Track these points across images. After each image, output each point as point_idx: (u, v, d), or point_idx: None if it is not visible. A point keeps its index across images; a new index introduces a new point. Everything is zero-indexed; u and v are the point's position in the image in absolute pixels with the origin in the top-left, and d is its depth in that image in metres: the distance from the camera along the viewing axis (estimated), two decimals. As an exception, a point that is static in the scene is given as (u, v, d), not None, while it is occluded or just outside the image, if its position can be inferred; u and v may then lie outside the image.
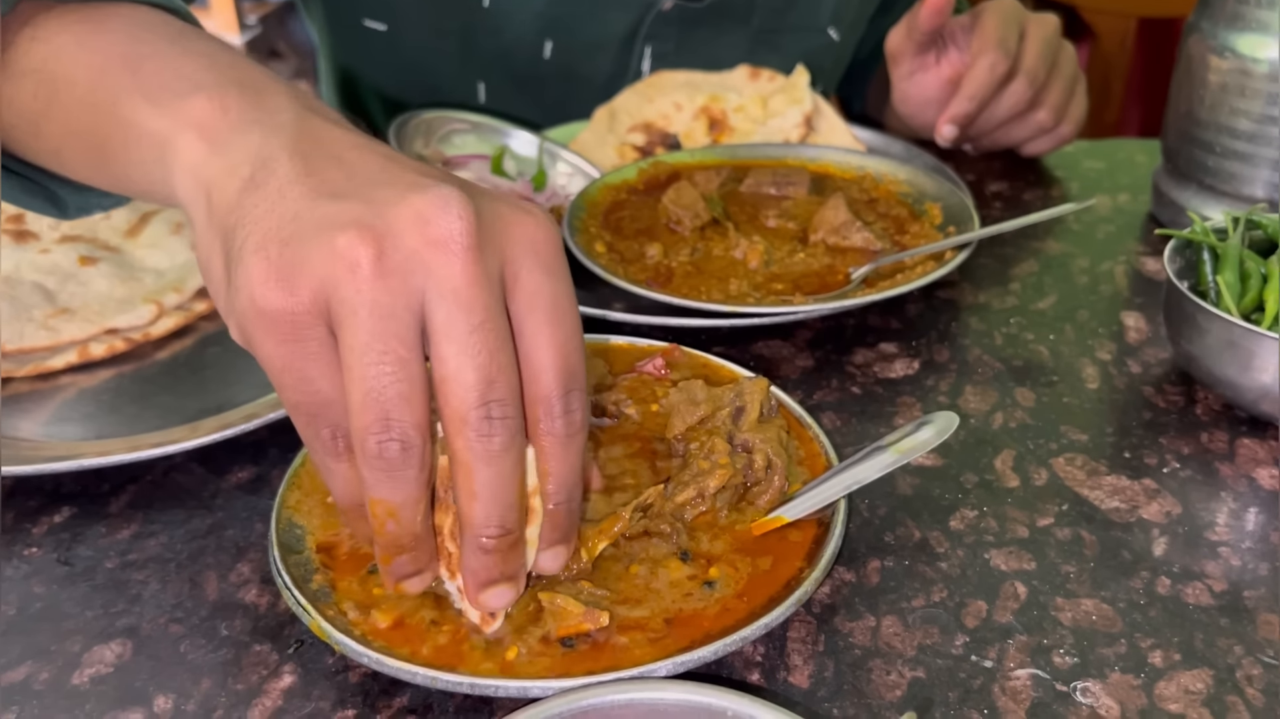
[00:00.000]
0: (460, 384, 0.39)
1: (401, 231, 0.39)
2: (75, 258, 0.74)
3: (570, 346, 0.42)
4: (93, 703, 0.47)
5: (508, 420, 0.40)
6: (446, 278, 0.39)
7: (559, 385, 0.42)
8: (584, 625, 0.46)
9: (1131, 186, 0.94)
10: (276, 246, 0.40)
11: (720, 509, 0.52)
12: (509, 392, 0.40)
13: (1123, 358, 0.70)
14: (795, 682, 0.47)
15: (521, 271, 0.41)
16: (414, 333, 0.39)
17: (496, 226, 0.41)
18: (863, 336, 0.72)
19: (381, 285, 0.39)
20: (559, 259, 0.43)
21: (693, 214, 0.78)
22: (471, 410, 0.40)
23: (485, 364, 0.39)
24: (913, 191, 0.83)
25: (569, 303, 0.42)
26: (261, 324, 0.40)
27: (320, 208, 0.40)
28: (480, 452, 0.40)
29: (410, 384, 0.39)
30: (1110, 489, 0.58)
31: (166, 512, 0.57)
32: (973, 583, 0.52)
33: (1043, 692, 0.47)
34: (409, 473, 0.41)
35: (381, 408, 0.39)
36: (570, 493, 0.45)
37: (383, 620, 0.46)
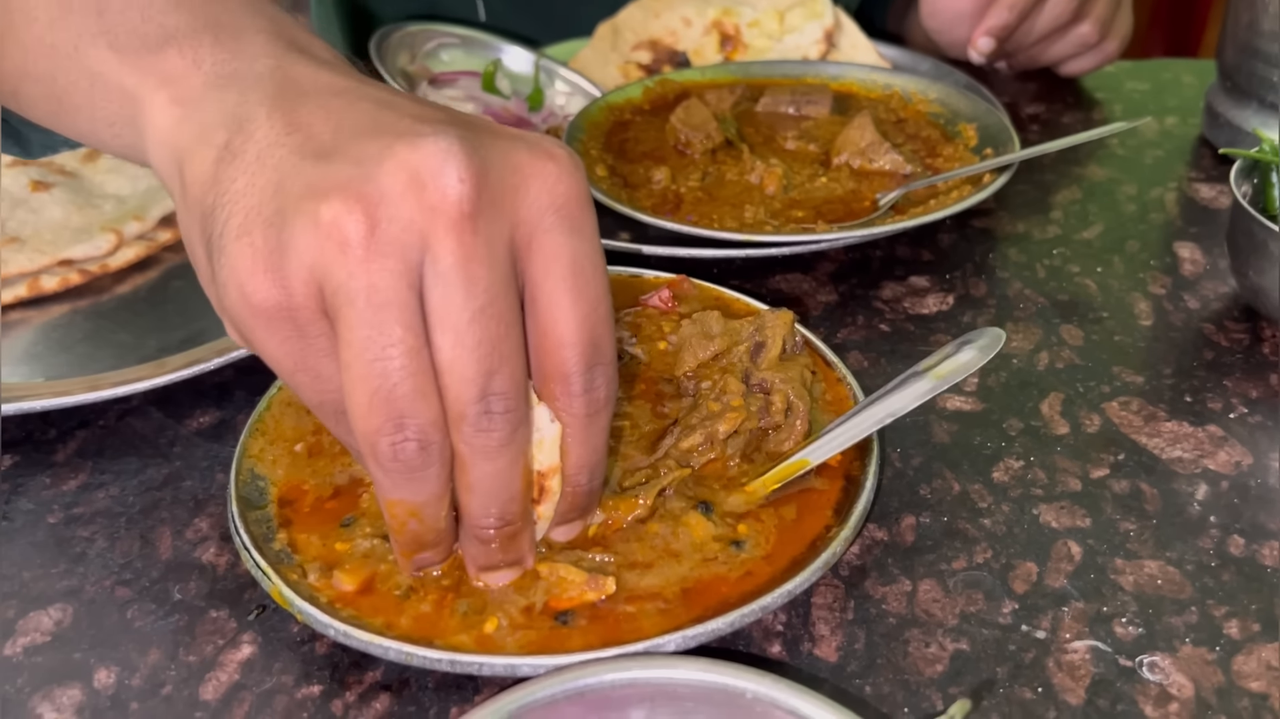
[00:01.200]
0: (457, 378, 0.34)
1: (394, 197, 0.33)
2: (26, 183, 0.67)
3: (595, 317, 0.36)
4: (25, 676, 0.41)
5: (509, 414, 0.35)
6: (443, 253, 0.34)
7: (580, 361, 0.36)
8: (587, 596, 0.40)
9: (1180, 109, 0.87)
10: (260, 229, 0.34)
11: (731, 457, 0.47)
12: (511, 383, 0.35)
13: (1178, 292, 0.63)
14: (821, 654, 0.42)
15: (538, 232, 0.35)
16: (421, 316, 0.34)
17: (508, 181, 0.35)
18: (891, 269, 0.65)
19: (377, 267, 0.33)
20: (584, 212, 0.36)
21: (704, 135, 0.71)
22: (469, 406, 0.35)
23: (486, 355, 0.34)
24: (945, 112, 0.76)
25: (594, 265, 0.36)
26: (259, 323, 0.35)
27: (304, 173, 0.34)
28: (478, 448, 0.36)
29: (422, 376, 0.34)
30: (1171, 437, 0.52)
31: (118, 460, 0.51)
32: (1020, 542, 0.46)
33: (1104, 667, 0.41)
34: (430, 471, 0.36)
35: (392, 408, 0.34)
36: (591, 473, 0.40)
37: (348, 583, 0.41)
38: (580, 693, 0.35)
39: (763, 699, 0.34)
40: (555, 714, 0.34)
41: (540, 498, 0.40)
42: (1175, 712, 0.39)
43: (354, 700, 0.40)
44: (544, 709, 0.34)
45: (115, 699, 0.40)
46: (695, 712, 0.35)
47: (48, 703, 0.40)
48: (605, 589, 0.41)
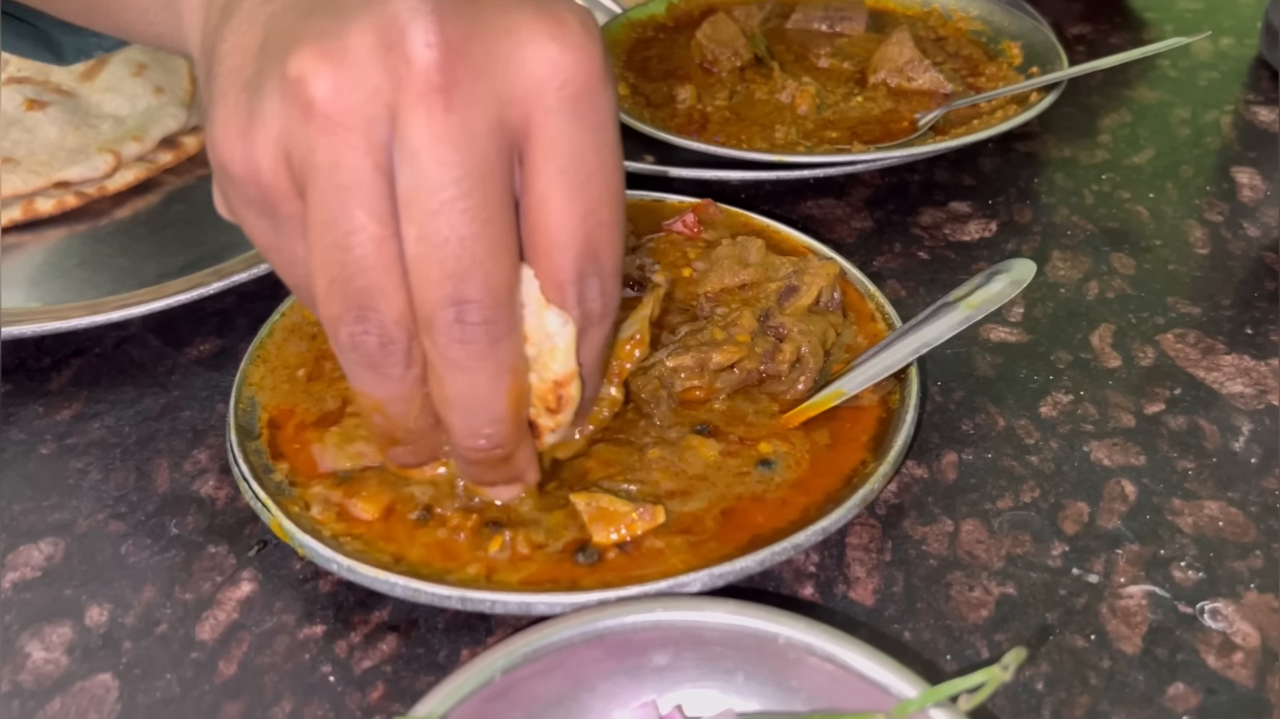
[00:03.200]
0: (422, 278, 0.30)
1: (360, 59, 0.28)
2: (20, 101, 0.64)
3: (595, 219, 0.31)
4: (14, 613, 0.39)
5: (485, 325, 0.31)
6: (409, 130, 0.29)
7: (573, 268, 0.32)
8: (637, 528, 0.38)
9: (1235, 29, 0.82)
10: (236, 92, 0.30)
11: (719, 392, 0.44)
12: (489, 288, 0.30)
13: (1236, 219, 0.59)
14: (857, 597, 0.39)
15: (536, 112, 0.30)
16: (390, 200, 0.30)
17: (498, 48, 0.29)
18: (930, 194, 0.61)
19: (340, 140, 0.29)
20: (595, 94, 0.30)
21: (731, 52, 0.67)
22: (437, 311, 0.30)
23: (454, 255, 0.30)
24: (987, 29, 0.72)
25: (601, 160, 0.31)
26: (235, 193, 0.31)
27: (288, 30, 0.30)
28: (452, 360, 0.31)
29: (384, 269, 0.30)
30: (1232, 370, 0.49)
31: (115, 389, 0.49)
32: (1070, 481, 0.43)
33: (1162, 613, 0.38)
34: (393, 371, 0.32)
35: (351, 299, 0.30)
36: (589, 382, 0.36)
37: (368, 511, 0.39)
38: (600, 635, 0.32)
39: (796, 644, 0.32)
40: (573, 658, 0.32)
41: (559, 406, 0.36)
42: (1240, 661, 0.37)
43: (359, 641, 0.38)
44: (560, 652, 0.32)
45: (107, 638, 0.38)
46: (723, 657, 0.33)
47: (37, 641, 0.38)
48: (656, 518, 0.38)
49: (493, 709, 0.31)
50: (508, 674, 0.31)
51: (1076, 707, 0.35)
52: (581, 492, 0.39)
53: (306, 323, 0.48)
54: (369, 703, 0.36)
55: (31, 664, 0.37)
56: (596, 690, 0.32)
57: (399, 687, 0.36)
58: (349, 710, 0.36)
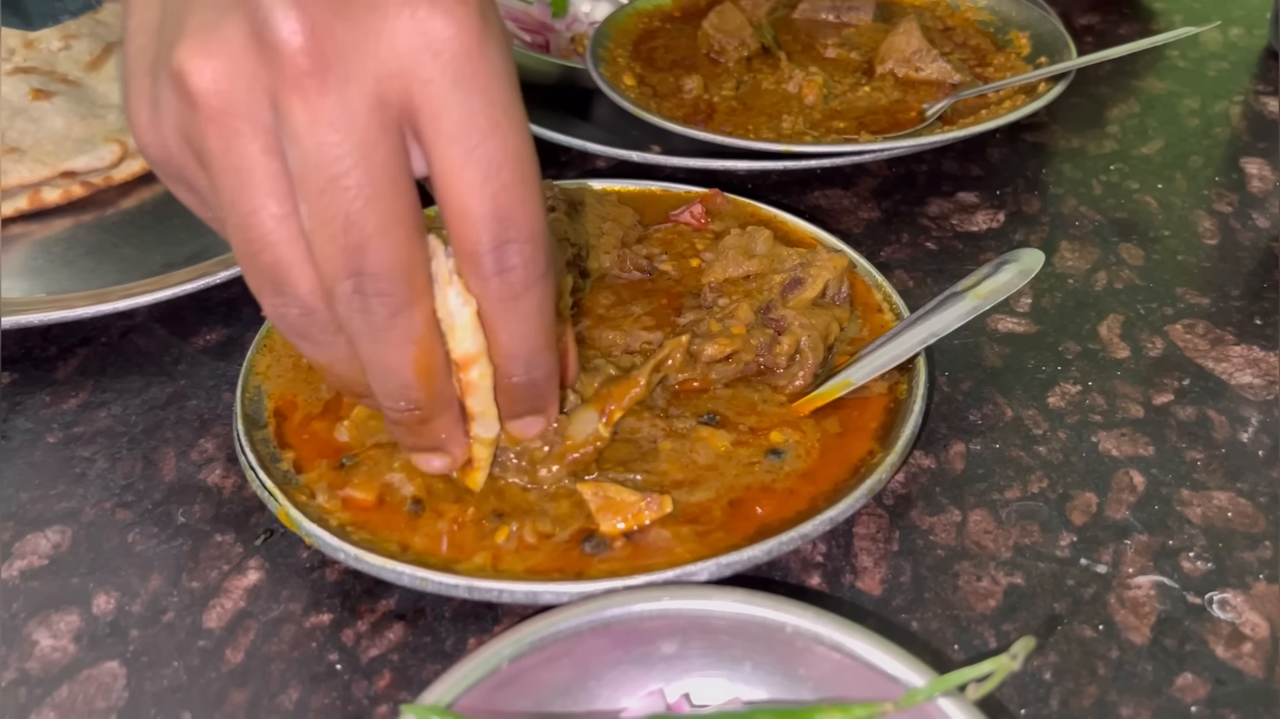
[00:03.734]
0: (320, 254, 0.30)
1: (236, 50, 0.29)
2: (27, 91, 0.64)
3: (499, 182, 0.30)
4: (21, 601, 0.39)
5: (384, 298, 0.31)
6: (288, 116, 0.29)
7: (486, 237, 0.31)
8: (644, 517, 0.38)
9: (1244, 19, 0.81)
10: (142, 74, 0.31)
11: (715, 384, 0.44)
12: (383, 263, 0.30)
13: (1246, 210, 0.59)
14: (864, 587, 0.39)
15: (415, 84, 0.29)
16: (285, 180, 0.30)
17: (365, 23, 0.29)
18: (937, 184, 0.61)
19: (226, 128, 0.29)
20: (476, 58, 0.30)
21: (738, 42, 0.67)
22: (336, 284, 0.31)
23: (344, 229, 0.30)
24: (995, 19, 0.72)
25: (494, 121, 0.30)
26: (157, 170, 0.33)
27: (179, 11, 0.30)
28: (356, 330, 0.32)
29: (289, 245, 0.30)
30: (1241, 361, 0.49)
31: (121, 378, 0.49)
32: (1079, 471, 0.43)
33: (1171, 604, 0.38)
34: (321, 337, 0.33)
35: (264, 274, 0.31)
36: (528, 366, 0.35)
37: (363, 493, 0.39)
38: (607, 624, 0.32)
39: (804, 633, 0.32)
40: (580, 646, 0.32)
41: (465, 390, 0.35)
42: (1249, 652, 0.36)
43: (366, 630, 0.38)
44: (568, 641, 0.32)
45: (114, 626, 0.38)
46: (730, 645, 0.32)
47: (44, 628, 0.38)
48: (664, 508, 0.38)
49: (500, 697, 0.31)
50: (515, 662, 0.31)
51: (1085, 697, 0.35)
52: (589, 481, 0.39)
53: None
54: (376, 691, 0.36)
55: (39, 652, 0.37)
56: (604, 679, 0.32)
57: (406, 675, 0.36)
58: (356, 699, 0.36)
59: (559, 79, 0.69)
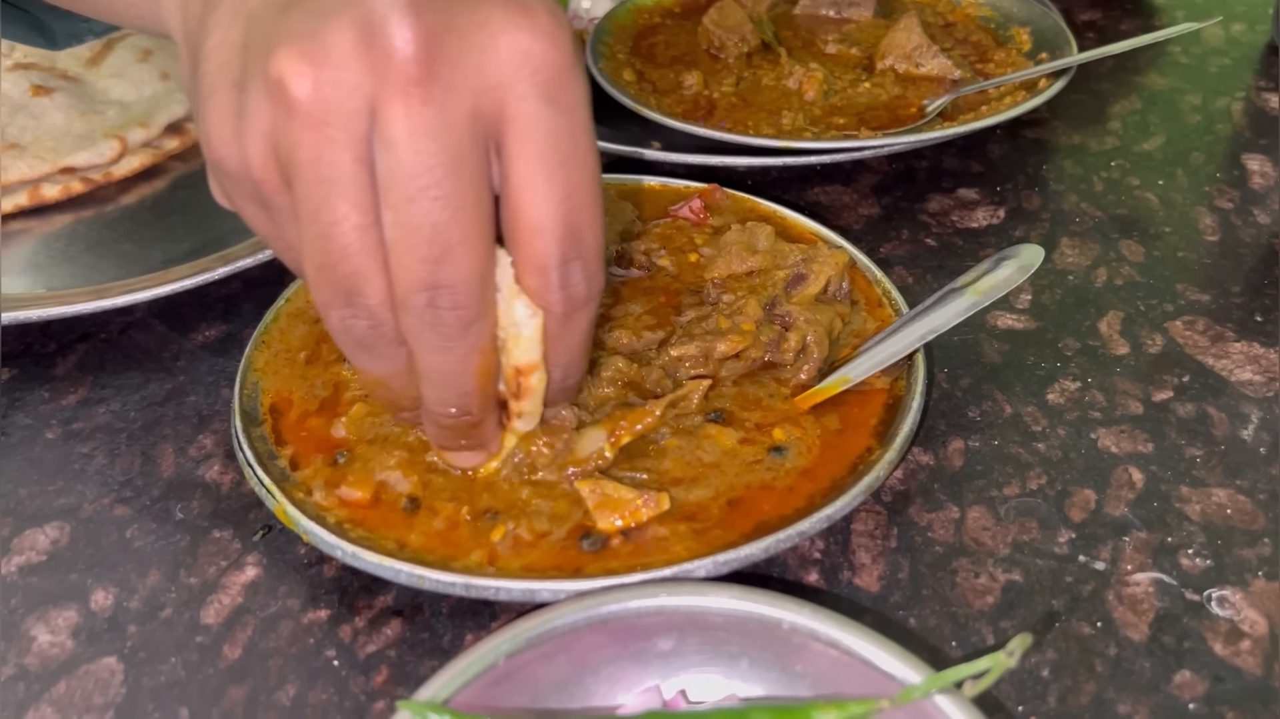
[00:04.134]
0: (397, 262, 0.31)
1: (340, 57, 0.29)
2: (27, 87, 0.64)
3: (574, 201, 0.32)
4: (19, 597, 0.39)
5: (457, 311, 0.31)
6: (388, 122, 0.29)
7: (555, 253, 0.32)
8: (641, 514, 0.38)
9: (1246, 15, 0.81)
10: (225, 90, 0.31)
11: (724, 380, 0.43)
12: (461, 274, 0.31)
13: (1247, 206, 0.59)
14: (862, 584, 0.39)
15: (510, 100, 0.30)
16: (370, 191, 0.30)
17: (472, 39, 0.30)
18: (938, 181, 0.61)
19: (321, 136, 0.30)
20: (567, 81, 0.31)
21: (738, 38, 0.67)
22: (411, 295, 0.31)
23: (428, 240, 0.30)
24: (996, 15, 0.71)
25: (576, 143, 0.31)
26: (232, 186, 0.33)
27: (268, 25, 0.31)
28: (427, 341, 0.32)
29: (369, 256, 0.31)
30: (1241, 358, 0.48)
31: (120, 375, 0.49)
32: (1077, 468, 0.43)
33: (1169, 601, 0.38)
34: (385, 350, 0.33)
35: (338, 285, 0.31)
36: (567, 372, 0.36)
37: (359, 490, 0.39)
38: (604, 620, 0.32)
39: (800, 630, 0.32)
40: (577, 643, 0.32)
41: (519, 394, 0.36)
42: (1247, 649, 0.36)
43: (363, 626, 0.38)
44: (565, 637, 0.32)
45: (112, 622, 0.38)
46: (727, 642, 0.32)
47: (42, 624, 0.38)
48: (660, 505, 0.38)
49: (496, 693, 0.31)
50: (512, 658, 0.31)
51: (1082, 694, 0.35)
52: (586, 478, 0.39)
53: (310, 307, 0.48)
54: (373, 687, 0.36)
55: (37, 647, 0.37)
56: (600, 675, 0.32)
57: (403, 671, 0.36)
58: (353, 694, 0.36)
59: (559, 75, 0.68)
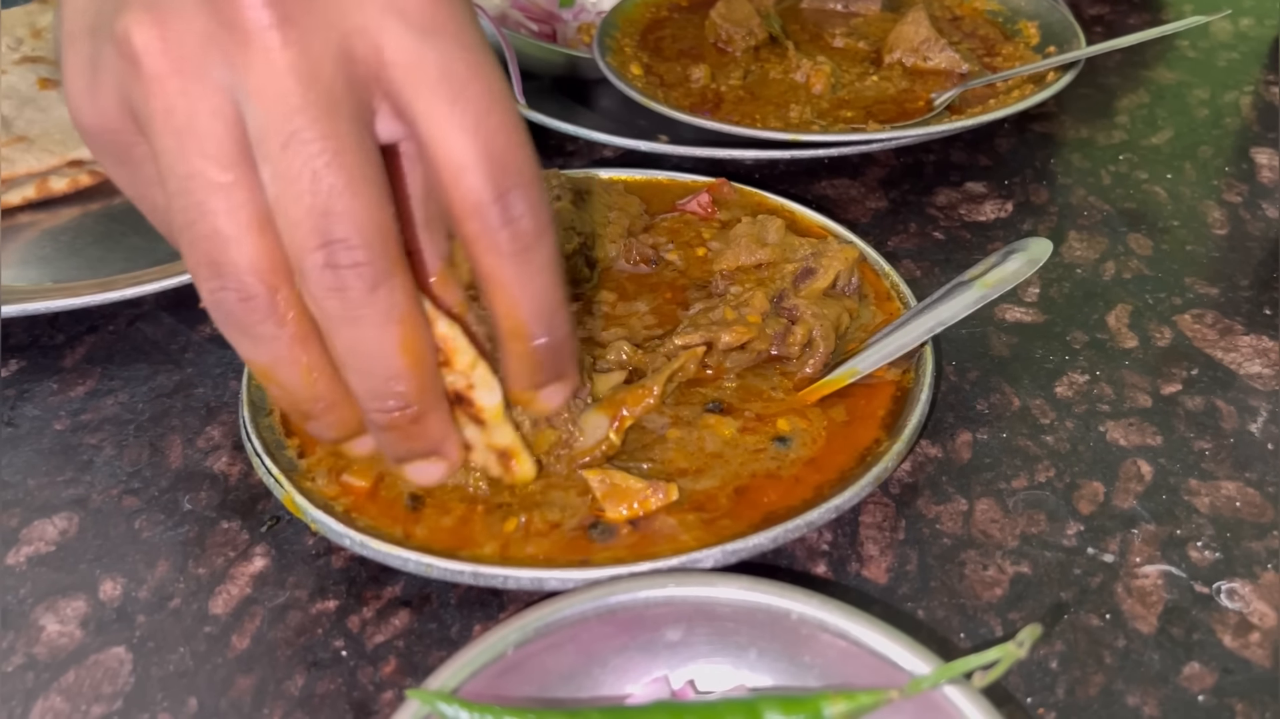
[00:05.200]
0: (286, 221, 0.28)
1: (188, 9, 0.28)
2: (34, 80, 0.64)
3: (489, 127, 0.29)
4: (28, 586, 0.39)
5: (361, 267, 0.28)
6: (246, 71, 0.27)
7: (486, 186, 0.29)
8: (650, 504, 0.38)
9: (1255, 9, 0.81)
10: (80, 38, 0.30)
11: (728, 371, 0.44)
12: (356, 225, 0.28)
13: (1256, 200, 0.59)
14: (870, 575, 0.39)
15: (385, 40, 0.28)
16: (232, 144, 0.28)
17: None
18: (945, 174, 0.61)
19: (171, 87, 0.28)
20: (440, 8, 0.29)
21: (746, 31, 0.67)
22: (306, 256, 0.28)
23: (311, 188, 0.28)
24: (1004, 9, 0.71)
25: (470, 67, 0.29)
26: (90, 141, 0.31)
27: None
28: (330, 311, 0.29)
29: (230, 215, 0.28)
30: (1250, 351, 0.48)
31: (128, 366, 0.49)
32: (1086, 461, 0.43)
33: (1178, 593, 0.38)
34: (261, 330, 0.30)
35: (199, 248, 0.29)
36: (549, 324, 0.32)
37: (360, 479, 0.39)
38: (612, 610, 0.32)
39: (809, 621, 0.32)
40: (585, 632, 0.32)
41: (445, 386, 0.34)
42: (1256, 641, 0.36)
43: (371, 616, 0.38)
44: (573, 627, 0.32)
45: (121, 612, 0.38)
46: (735, 632, 0.32)
47: (51, 614, 0.38)
48: (670, 495, 0.38)
49: (504, 683, 0.31)
50: (520, 648, 0.31)
51: (1091, 685, 0.35)
52: (594, 468, 0.39)
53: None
54: (381, 677, 0.36)
55: (46, 637, 0.37)
56: (609, 665, 0.32)
57: (411, 661, 0.36)
58: (361, 685, 0.36)
59: (566, 69, 0.68)
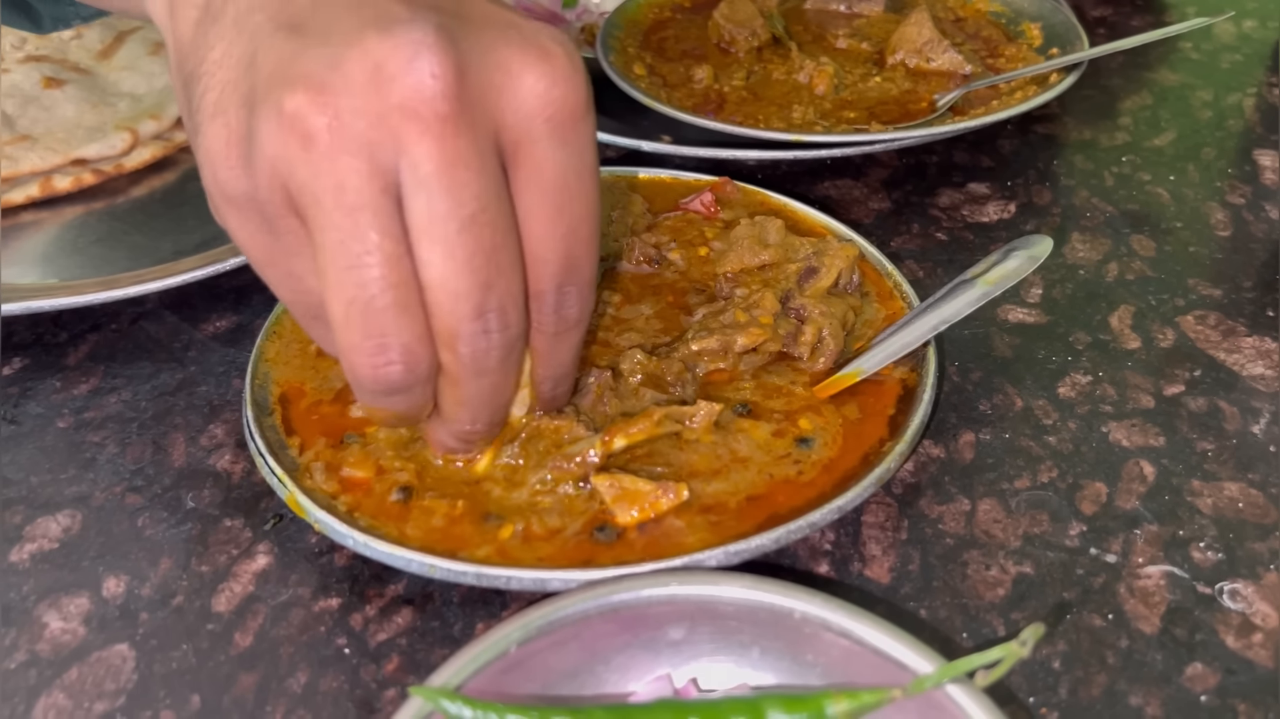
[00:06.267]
0: (450, 294, 0.31)
1: (360, 89, 0.29)
2: (38, 79, 0.64)
3: (576, 236, 0.33)
4: (31, 583, 0.39)
5: (508, 331, 0.33)
6: (421, 157, 0.30)
7: (554, 279, 0.34)
8: (660, 505, 0.38)
9: (1258, 11, 0.81)
10: (234, 110, 0.31)
11: (743, 374, 0.44)
12: (509, 297, 0.32)
13: (1259, 202, 0.59)
14: (873, 575, 0.39)
15: (525, 140, 0.31)
16: (398, 222, 0.30)
17: (492, 79, 0.31)
18: (948, 175, 0.61)
19: (343, 165, 0.29)
20: (579, 122, 0.32)
21: (749, 32, 0.67)
22: (464, 324, 0.32)
23: (481, 267, 0.31)
24: (1007, 11, 0.71)
25: (581, 181, 0.33)
26: (230, 210, 0.32)
27: (276, 47, 0.30)
28: (472, 367, 0.33)
29: (404, 289, 0.31)
30: (1253, 352, 0.48)
31: (131, 364, 0.49)
32: (1089, 461, 0.43)
33: (1181, 594, 0.38)
34: (414, 391, 0.33)
35: (370, 322, 0.31)
36: (555, 384, 0.39)
37: (360, 471, 0.39)
38: (615, 609, 0.32)
39: (812, 620, 0.32)
40: (587, 631, 0.32)
41: None
42: (1259, 642, 0.36)
43: (374, 614, 0.38)
44: (575, 626, 0.32)
45: (124, 609, 0.38)
46: (738, 631, 0.32)
47: (54, 611, 0.38)
48: (679, 496, 0.38)
49: (507, 681, 0.31)
50: (523, 646, 0.31)
51: (1094, 685, 0.35)
52: (603, 473, 0.39)
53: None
54: (384, 675, 0.36)
55: (49, 634, 0.37)
56: (611, 663, 0.32)
57: (414, 659, 0.36)
58: (364, 682, 0.36)
59: (569, 69, 0.68)
